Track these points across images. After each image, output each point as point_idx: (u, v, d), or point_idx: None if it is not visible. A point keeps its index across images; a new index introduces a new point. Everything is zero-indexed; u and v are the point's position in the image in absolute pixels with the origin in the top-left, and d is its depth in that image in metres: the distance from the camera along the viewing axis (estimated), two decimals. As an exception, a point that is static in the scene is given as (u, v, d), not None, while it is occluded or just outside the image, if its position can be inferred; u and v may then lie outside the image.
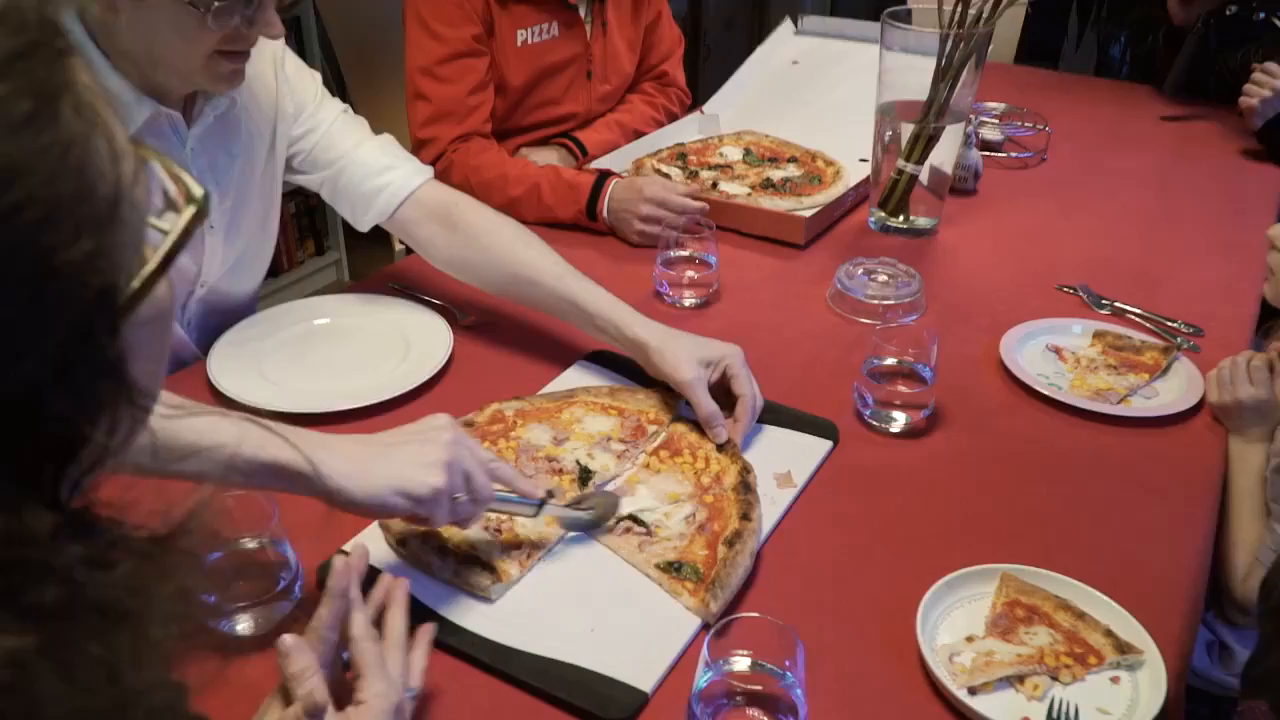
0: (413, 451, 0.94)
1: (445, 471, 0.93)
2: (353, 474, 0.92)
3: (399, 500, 0.92)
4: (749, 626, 0.86)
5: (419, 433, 0.97)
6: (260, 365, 1.35)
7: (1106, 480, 1.21)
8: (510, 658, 0.94)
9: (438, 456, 0.93)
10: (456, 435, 0.96)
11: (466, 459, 0.96)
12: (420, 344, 1.41)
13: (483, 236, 1.39)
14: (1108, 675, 0.94)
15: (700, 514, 1.12)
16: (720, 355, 1.25)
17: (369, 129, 1.46)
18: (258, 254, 1.49)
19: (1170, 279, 1.68)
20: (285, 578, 0.98)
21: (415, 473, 0.92)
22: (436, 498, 0.93)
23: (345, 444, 0.95)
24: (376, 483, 0.92)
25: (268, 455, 0.89)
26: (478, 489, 0.97)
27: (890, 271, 1.59)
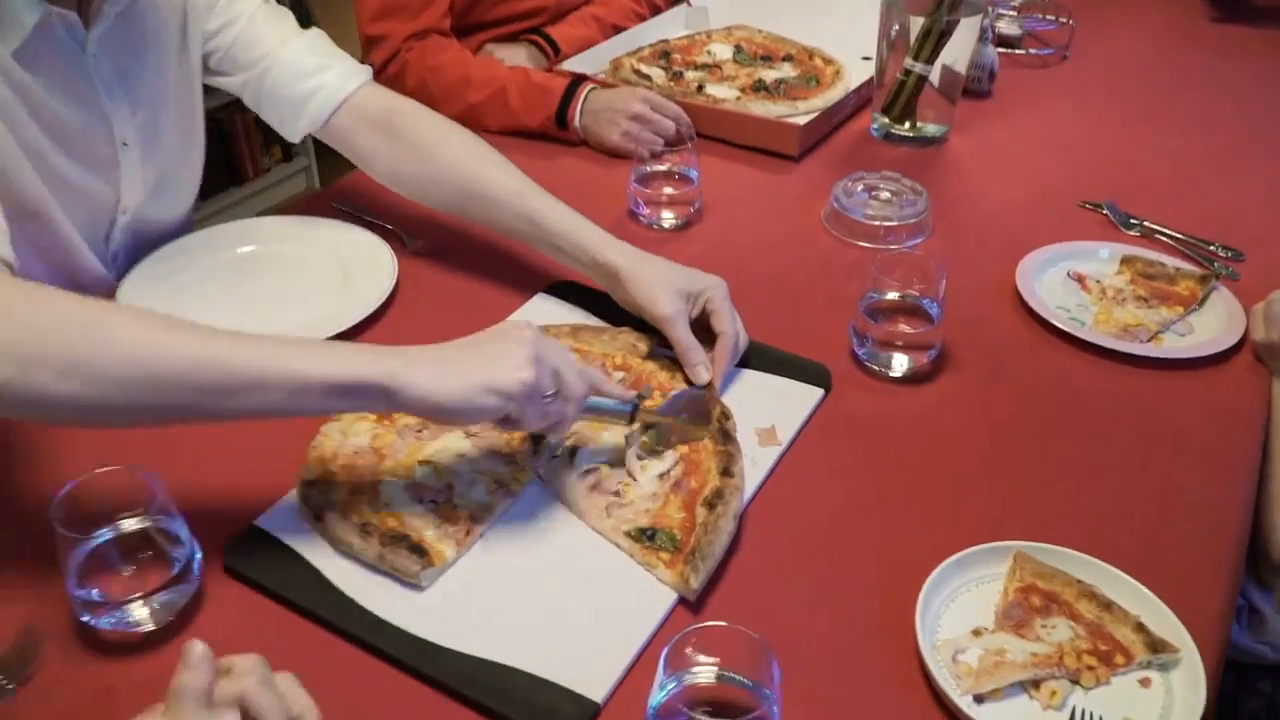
0: (497, 349, 0.87)
1: (534, 366, 0.86)
2: (437, 378, 0.84)
3: (490, 399, 0.85)
4: (713, 636, 0.72)
5: (499, 333, 0.90)
6: (177, 301, 1.19)
7: (1135, 434, 1.06)
8: (439, 659, 0.80)
9: (525, 352, 0.87)
10: (538, 333, 0.89)
11: (554, 355, 0.89)
12: (360, 274, 1.25)
13: (430, 147, 1.23)
14: (1136, 677, 0.81)
15: (676, 469, 0.98)
16: (702, 287, 1.11)
17: (295, 22, 1.27)
18: (182, 172, 1.32)
19: (1208, 195, 1.50)
20: (180, 557, 0.84)
21: (504, 368, 0.86)
22: (529, 394, 0.86)
23: (421, 351, 0.88)
24: (464, 383, 0.84)
25: (341, 374, 0.82)
26: (568, 386, 0.90)
27: (893, 188, 1.42)
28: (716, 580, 0.89)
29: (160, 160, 1.25)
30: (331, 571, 0.87)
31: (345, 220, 1.37)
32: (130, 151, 1.20)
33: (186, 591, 0.85)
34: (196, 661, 0.66)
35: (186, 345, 0.80)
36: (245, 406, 0.82)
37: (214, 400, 0.81)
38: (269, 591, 0.87)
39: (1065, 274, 1.31)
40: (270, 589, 0.87)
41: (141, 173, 1.23)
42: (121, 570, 0.84)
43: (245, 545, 0.90)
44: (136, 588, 0.83)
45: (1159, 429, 1.07)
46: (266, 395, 0.81)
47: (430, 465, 0.96)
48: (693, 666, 0.73)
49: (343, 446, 0.97)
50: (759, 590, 0.88)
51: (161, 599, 0.83)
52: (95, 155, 1.17)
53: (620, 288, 1.13)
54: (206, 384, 0.81)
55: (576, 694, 0.78)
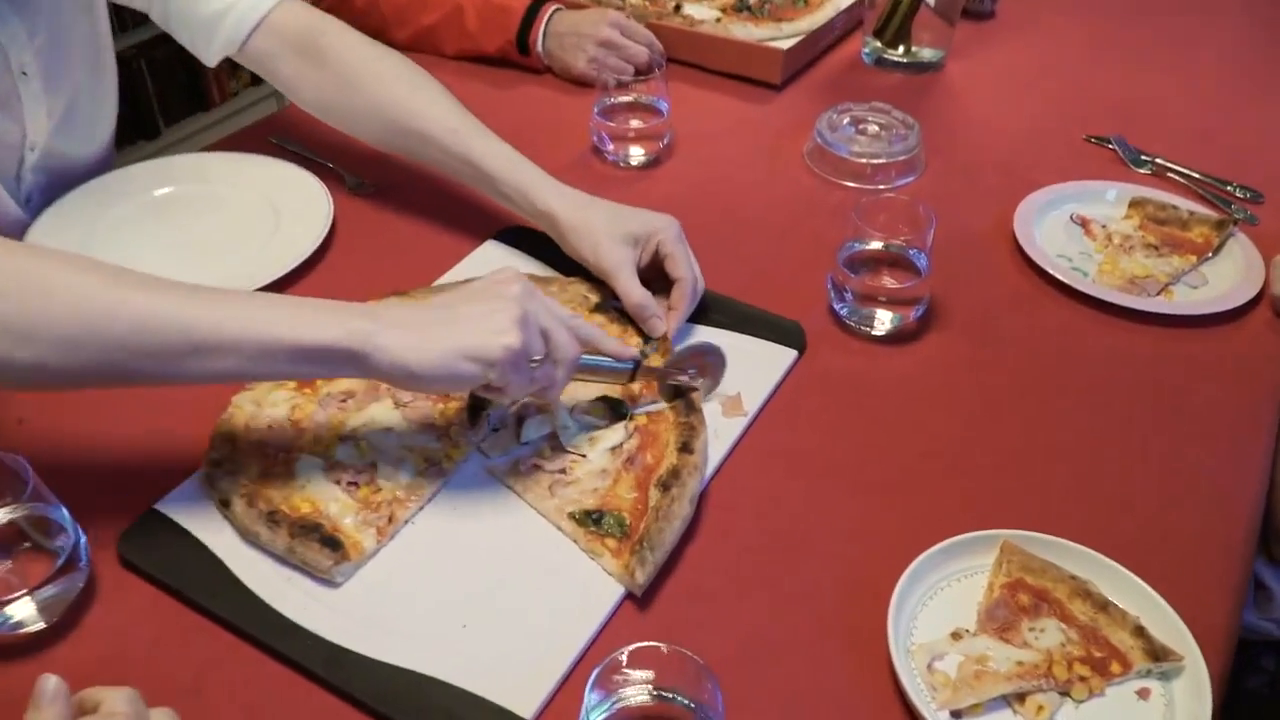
0: (479, 310, 0.79)
1: (519, 328, 0.78)
2: (412, 344, 0.76)
3: (469, 367, 0.77)
4: (647, 656, 0.63)
5: (481, 290, 0.81)
6: (91, 248, 1.08)
7: (1139, 402, 0.96)
8: (350, 668, 0.71)
9: (510, 313, 0.78)
10: (527, 289, 0.81)
11: (543, 314, 0.81)
12: (293, 216, 1.14)
13: (356, 75, 1.10)
14: (1134, 687, 0.72)
15: (630, 442, 0.88)
16: (650, 230, 1.01)
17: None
18: (94, 102, 1.19)
19: (1226, 131, 1.38)
20: (63, 547, 0.75)
21: (485, 332, 0.77)
22: (513, 359, 0.78)
23: (396, 311, 0.80)
24: (441, 349, 0.76)
25: (308, 338, 0.74)
26: (559, 348, 0.81)
27: (883, 120, 1.30)
28: (668, 571, 0.79)
29: (67, 90, 1.13)
30: (238, 564, 0.78)
31: (280, 157, 1.25)
32: (31, 82, 1.08)
33: (75, 583, 0.76)
34: (49, 701, 0.57)
35: (135, 302, 0.72)
36: (201, 371, 0.74)
37: (166, 365, 0.73)
38: (167, 586, 0.78)
39: (1068, 218, 1.20)
40: (169, 585, 0.77)
41: (46, 104, 1.11)
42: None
43: (143, 533, 0.80)
44: (18, 584, 0.74)
45: (1166, 396, 0.97)
46: (225, 360, 0.74)
47: (352, 441, 0.86)
48: (625, 686, 0.64)
49: (256, 419, 0.87)
50: (715, 584, 0.79)
51: (47, 594, 0.75)
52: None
53: (562, 237, 1.03)
54: (156, 347, 0.72)
55: (503, 709, 0.69)
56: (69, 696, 0.58)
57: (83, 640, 0.76)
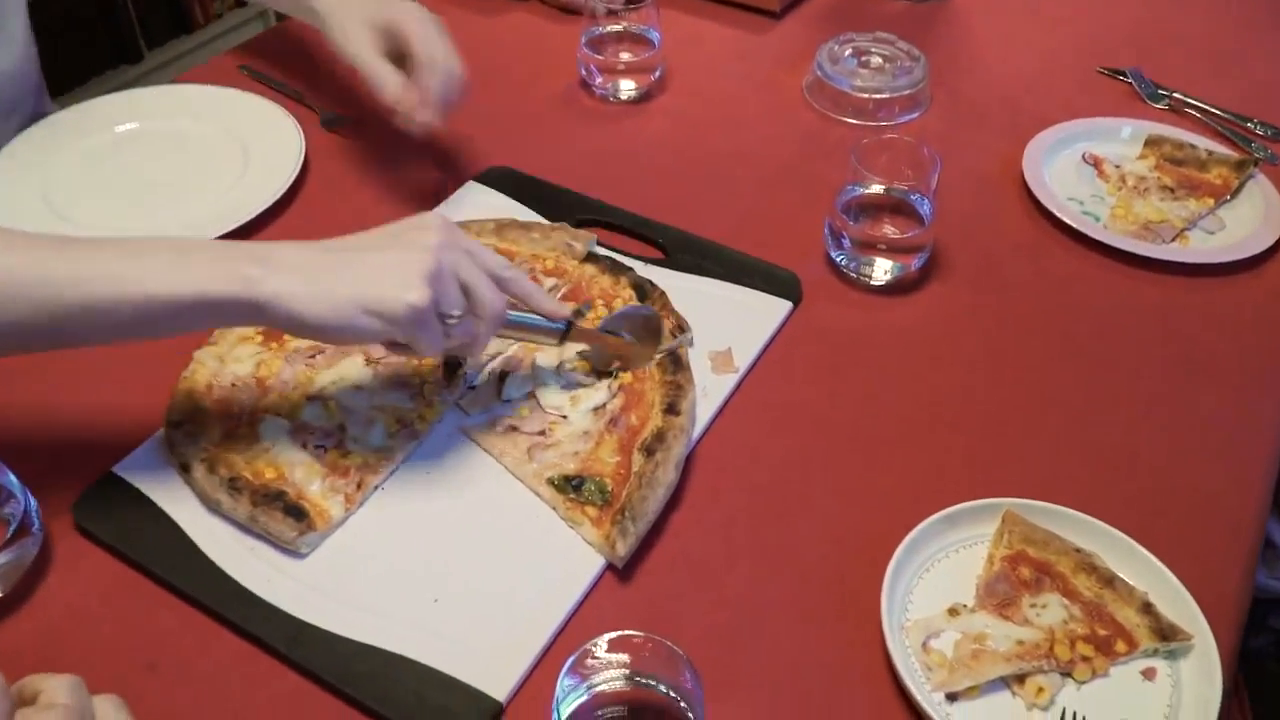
0: (387, 258, 0.71)
1: (427, 283, 0.70)
2: (307, 292, 0.69)
3: (369, 322, 0.70)
4: (623, 644, 0.59)
5: (395, 236, 0.74)
6: (45, 192, 1.02)
7: (1151, 356, 0.91)
8: (315, 645, 0.68)
9: (420, 265, 0.70)
10: (449, 237, 0.73)
11: (463, 266, 0.73)
12: (262, 156, 1.08)
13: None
14: (1139, 667, 0.69)
15: (614, 402, 0.84)
16: (392, 13, 0.98)
17: None
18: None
19: (1249, 62, 1.31)
20: (12, 513, 0.71)
21: (387, 285, 0.70)
22: (417, 318, 0.70)
23: (297, 252, 0.72)
24: (337, 300, 0.69)
25: (189, 291, 0.68)
26: (481, 304, 0.74)
27: (887, 52, 1.22)
28: (651, 540, 0.75)
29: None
30: (199, 533, 0.74)
31: (251, 88, 1.18)
32: None
33: (28, 550, 0.73)
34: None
35: None
36: (83, 335, 0.69)
37: (36, 335, 0.67)
38: (124, 556, 0.74)
39: (1080, 157, 1.14)
40: (126, 554, 0.74)
41: None
42: (-61, 538, 0.71)
43: (100, 498, 0.76)
44: (-37, 556, 0.70)
45: (1179, 350, 0.92)
46: (103, 323, 0.67)
47: (320, 401, 0.81)
48: (601, 671, 0.60)
49: (219, 376, 0.83)
50: (700, 554, 0.75)
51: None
52: None
53: (328, 35, 1.00)
54: (22, 316, 0.66)
55: (475, 690, 0.65)
56: (7, 689, 0.54)
57: (36, 611, 0.72)
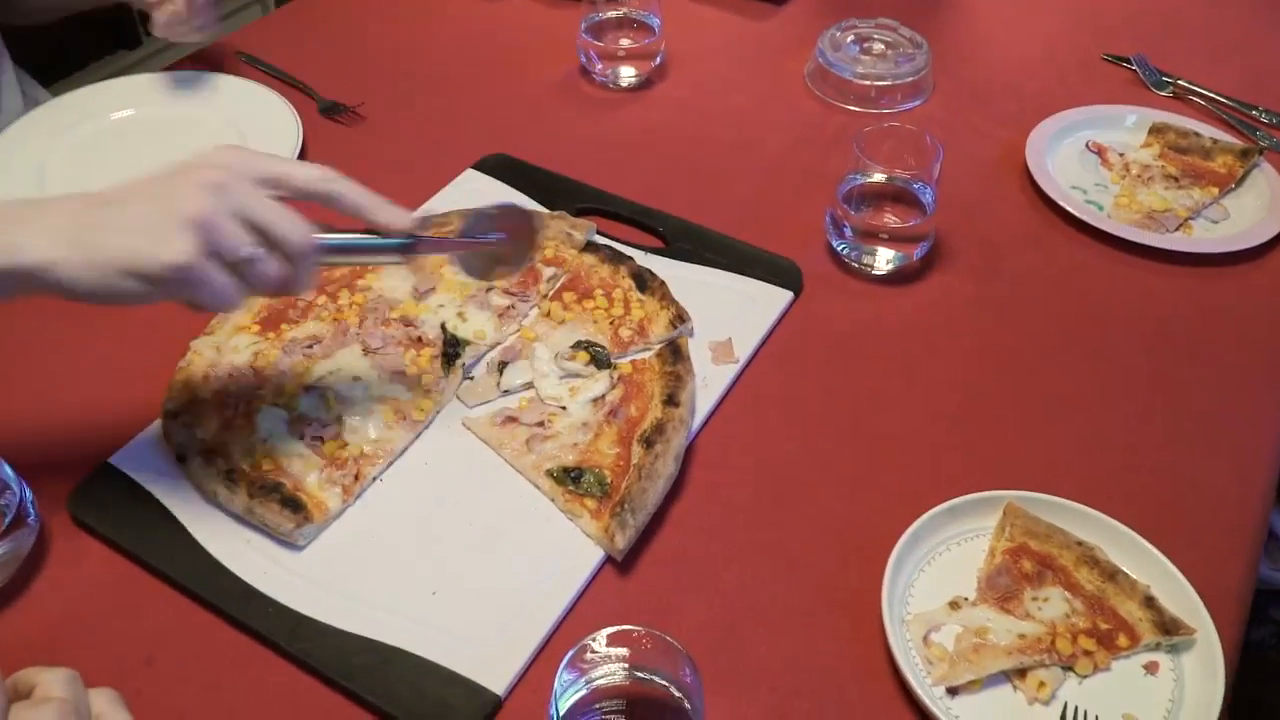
0: (145, 210, 0.62)
1: (193, 232, 0.61)
2: (70, 257, 0.61)
3: (134, 285, 0.62)
4: (623, 638, 0.59)
5: (167, 178, 0.65)
6: (40, 179, 1.01)
7: (1154, 347, 0.91)
8: (314, 638, 0.67)
9: (180, 215, 0.61)
10: (223, 172, 0.64)
11: (250, 200, 0.64)
12: (258, 143, 1.06)
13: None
14: (1142, 661, 0.68)
15: (614, 393, 0.83)
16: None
17: None
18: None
19: (1254, 49, 1.30)
20: (9, 504, 0.71)
21: (143, 242, 0.61)
22: (182, 276, 0.62)
23: (61, 207, 0.64)
24: (98, 260, 0.61)
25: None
26: (283, 240, 0.65)
27: (889, 39, 1.21)
28: (650, 532, 0.75)
29: None
30: (194, 524, 0.74)
31: (248, 75, 1.17)
32: None
33: (23, 542, 0.72)
34: None
35: None
36: None
37: None
38: (121, 548, 0.73)
39: (1084, 145, 1.13)
40: (121, 546, 0.73)
41: None
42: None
43: (96, 489, 0.76)
44: (-43, 547, 0.70)
45: (1182, 341, 0.91)
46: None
47: (318, 391, 0.81)
48: (600, 665, 0.60)
49: (216, 367, 0.82)
50: (699, 547, 0.75)
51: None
52: None
53: None
54: None
55: (474, 684, 0.65)
56: (2, 683, 0.54)
57: (32, 603, 0.72)
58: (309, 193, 0.67)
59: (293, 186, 0.67)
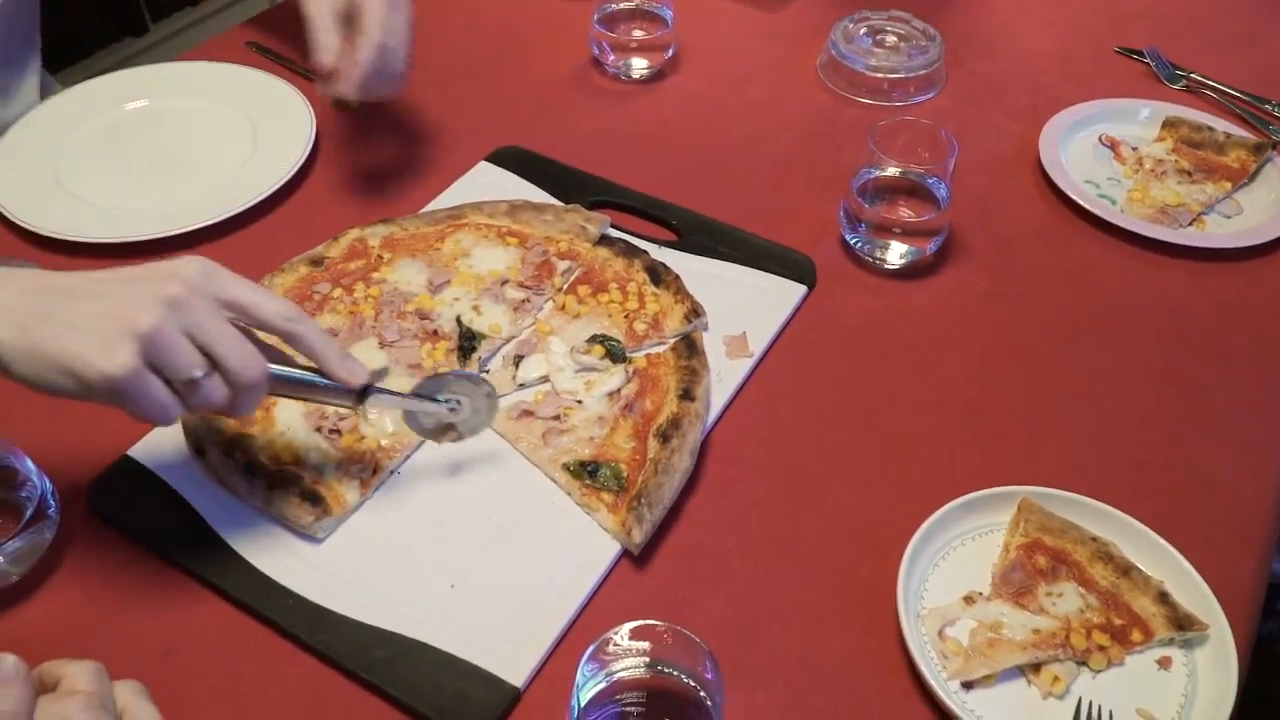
0: (97, 310, 0.62)
1: (138, 346, 0.61)
2: (14, 339, 0.61)
3: (70, 384, 0.62)
4: (645, 632, 0.60)
5: (132, 280, 0.64)
6: (56, 173, 1.02)
7: (1167, 341, 0.91)
8: (334, 631, 0.68)
9: (133, 321, 0.61)
10: (188, 285, 0.63)
11: (204, 323, 0.63)
12: (272, 135, 1.07)
13: None
14: (1155, 656, 0.69)
15: (629, 387, 0.83)
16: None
17: None
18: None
19: (1267, 39, 1.29)
20: (30, 497, 0.71)
21: (85, 346, 0.61)
22: (115, 388, 0.61)
23: (19, 286, 0.64)
24: (38, 353, 0.61)
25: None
26: (232, 367, 0.64)
27: (902, 31, 1.21)
28: (667, 526, 0.76)
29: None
30: (214, 517, 0.74)
31: (260, 65, 1.17)
32: None
33: (44, 535, 0.73)
34: (6, 681, 0.53)
35: None
36: None
37: None
38: (141, 540, 0.74)
39: (1097, 139, 1.13)
40: (141, 538, 0.74)
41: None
42: (-44, 521, 0.71)
43: (115, 482, 0.77)
44: (-19, 539, 0.70)
45: (1195, 335, 0.92)
46: None
47: (335, 385, 0.81)
48: (621, 659, 0.61)
49: (233, 360, 0.82)
50: (716, 541, 0.75)
51: (15, 546, 0.71)
52: None
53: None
54: None
55: (493, 677, 0.66)
56: (29, 676, 0.54)
57: (54, 595, 0.73)
58: (272, 328, 0.67)
59: (257, 318, 0.66)
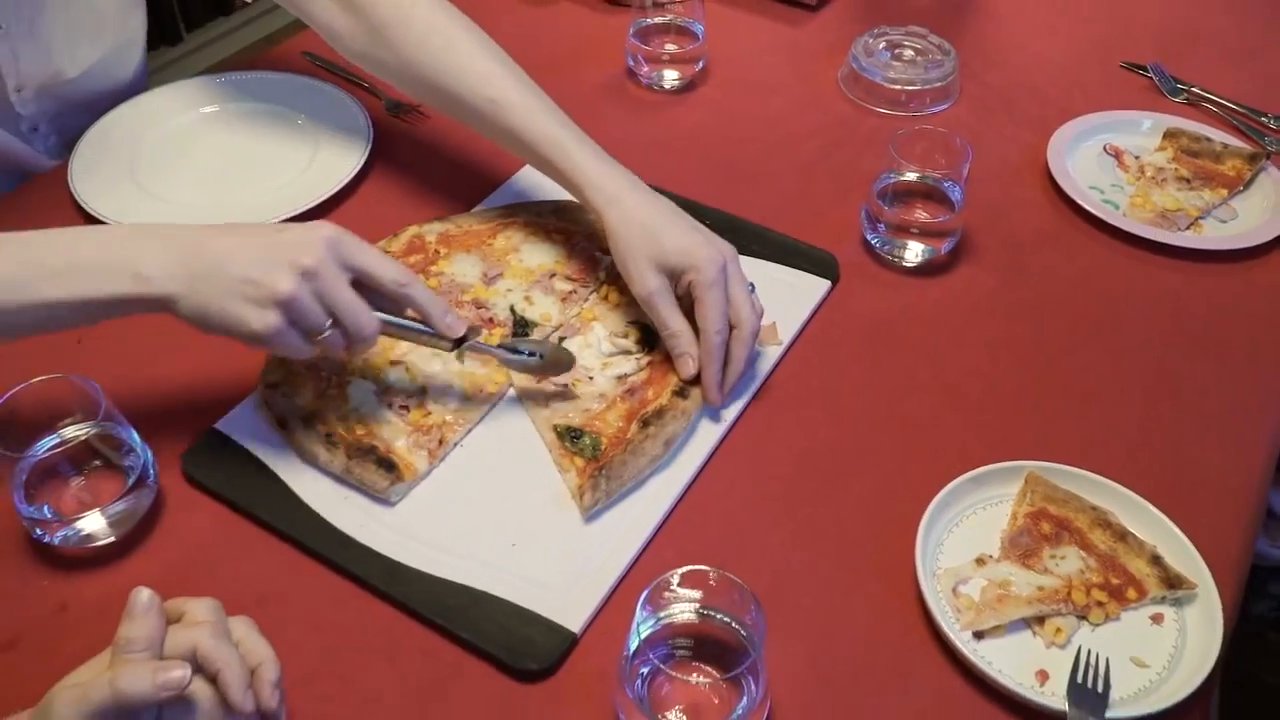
0: (249, 276, 0.74)
1: (278, 313, 0.74)
2: (183, 294, 0.75)
3: (225, 333, 0.76)
4: (696, 579, 0.67)
5: (275, 249, 0.75)
6: (133, 172, 1.10)
7: (1165, 337, 0.98)
8: (409, 583, 0.76)
9: (273, 291, 0.73)
10: (319, 258, 0.75)
11: (329, 289, 0.75)
12: (332, 142, 1.15)
13: (386, 26, 0.98)
14: (1148, 613, 0.76)
15: (639, 375, 0.90)
16: (687, 264, 0.87)
17: None
18: (92, 23, 1.14)
19: (1264, 57, 1.37)
20: (133, 465, 0.79)
21: (240, 306, 0.74)
22: (263, 341, 0.75)
23: (187, 248, 0.76)
24: (203, 311, 0.75)
25: (89, 291, 0.74)
26: (350, 325, 0.77)
27: (919, 45, 1.29)
28: (701, 498, 0.83)
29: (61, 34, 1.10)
30: (296, 482, 0.82)
31: (317, 75, 1.25)
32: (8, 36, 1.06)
33: (143, 501, 0.80)
34: (142, 611, 0.61)
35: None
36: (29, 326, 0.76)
37: None
38: (231, 503, 0.82)
39: (1101, 148, 1.20)
40: (233, 501, 0.82)
41: (32, 53, 1.09)
42: (72, 483, 0.79)
43: (206, 452, 0.84)
44: (90, 500, 0.78)
45: (1192, 331, 0.99)
46: (21, 319, 0.75)
47: (402, 366, 0.89)
48: (672, 604, 0.68)
49: (308, 343, 0.90)
50: (749, 511, 0.83)
51: (117, 510, 0.79)
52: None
53: (605, 237, 0.92)
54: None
55: (553, 623, 0.73)
56: (162, 607, 0.62)
57: (150, 554, 0.80)
58: (386, 290, 0.79)
59: (375, 280, 0.78)
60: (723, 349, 0.87)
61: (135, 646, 0.59)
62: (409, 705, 0.71)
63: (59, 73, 1.13)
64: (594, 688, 0.71)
